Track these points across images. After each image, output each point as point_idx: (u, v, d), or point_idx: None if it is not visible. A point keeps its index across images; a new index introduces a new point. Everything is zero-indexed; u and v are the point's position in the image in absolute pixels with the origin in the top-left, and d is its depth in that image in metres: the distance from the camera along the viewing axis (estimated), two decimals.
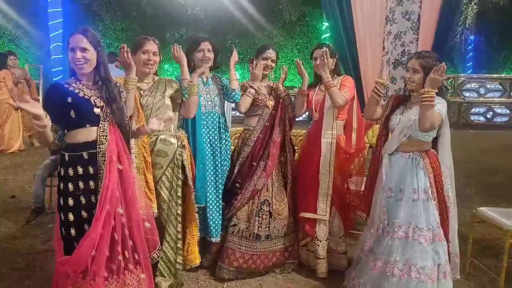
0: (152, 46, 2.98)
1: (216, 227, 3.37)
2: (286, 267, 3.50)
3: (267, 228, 3.39)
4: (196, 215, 3.18)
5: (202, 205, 3.28)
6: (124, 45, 2.83)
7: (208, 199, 3.32)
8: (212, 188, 3.35)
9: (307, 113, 3.81)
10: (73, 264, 2.31)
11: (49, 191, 4.67)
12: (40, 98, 11.66)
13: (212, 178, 3.36)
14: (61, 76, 12.67)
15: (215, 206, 3.36)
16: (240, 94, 3.45)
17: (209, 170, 3.34)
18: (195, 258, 3.20)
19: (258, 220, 3.37)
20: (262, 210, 3.39)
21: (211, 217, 3.34)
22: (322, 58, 3.25)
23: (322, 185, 3.35)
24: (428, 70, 2.79)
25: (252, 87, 3.46)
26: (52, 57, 13.63)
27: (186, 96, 3.11)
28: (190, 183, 3.10)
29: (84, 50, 2.38)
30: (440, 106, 2.78)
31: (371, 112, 3.18)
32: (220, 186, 3.39)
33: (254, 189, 3.38)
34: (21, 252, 3.70)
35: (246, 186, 3.39)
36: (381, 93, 3.06)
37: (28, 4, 14.71)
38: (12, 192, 5.42)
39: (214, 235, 3.36)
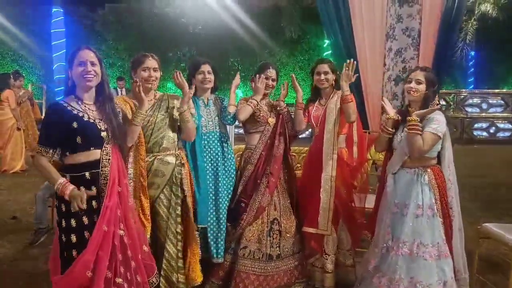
0: (151, 62, 2.97)
1: (218, 248, 3.31)
2: (296, 286, 3.44)
3: (277, 248, 3.34)
4: (196, 233, 3.14)
5: (204, 226, 3.24)
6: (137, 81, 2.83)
7: (208, 219, 3.28)
8: (213, 209, 3.31)
9: (309, 130, 3.78)
10: (66, 285, 2.29)
11: (51, 211, 4.62)
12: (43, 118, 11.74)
13: (213, 198, 3.32)
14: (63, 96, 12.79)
15: (216, 227, 3.31)
16: (233, 118, 3.39)
17: (210, 190, 3.31)
18: (197, 277, 3.13)
19: (270, 240, 3.32)
20: (272, 230, 3.34)
21: (211, 237, 3.29)
22: (347, 69, 3.17)
23: (323, 201, 3.31)
24: (430, 82, 2.86)
25: (254, 99, 3.40)
26: (55, 77, 13.79)
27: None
28: (189, 201, 3.06)
29: (93, 64, 2.41)
30: (435, 125, 2.77)
31: (383, 147, 3.18)
32: (221, 206, 3.33)
33: (259, 206, 3.32)
34: (22, 273, 3.66)
35: (250, 204, 3.33)
36: (390, 131, 3.04)
37: (31, 24, 14.93)
38: (13, 212, 5.38)
39: (215, 256, 3.30)
